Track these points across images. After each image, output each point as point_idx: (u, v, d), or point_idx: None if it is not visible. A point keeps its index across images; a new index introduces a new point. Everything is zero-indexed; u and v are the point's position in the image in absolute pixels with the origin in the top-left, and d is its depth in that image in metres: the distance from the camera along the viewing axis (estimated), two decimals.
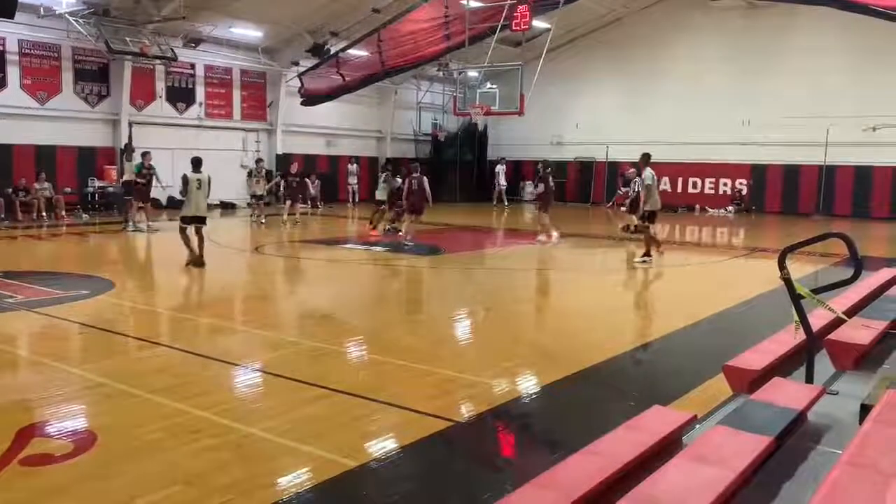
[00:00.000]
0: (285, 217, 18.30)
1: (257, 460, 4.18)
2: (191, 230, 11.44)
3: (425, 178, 14.92)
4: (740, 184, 26.13)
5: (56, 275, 10.65)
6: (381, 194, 16.60)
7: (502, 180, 27.30)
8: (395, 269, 12.49)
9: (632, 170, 17.77)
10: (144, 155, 16.77)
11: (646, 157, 12.90)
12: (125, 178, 17.44)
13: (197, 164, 11.55)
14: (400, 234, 15.32)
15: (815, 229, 13.47)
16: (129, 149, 18.01)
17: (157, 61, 20.81)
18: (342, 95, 24.05)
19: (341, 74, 22.76)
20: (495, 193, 27.66)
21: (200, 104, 23.33)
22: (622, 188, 26.68)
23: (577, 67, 28.01)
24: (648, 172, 12.66)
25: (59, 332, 7.39)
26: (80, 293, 9.10)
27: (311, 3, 21.73)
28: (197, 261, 11.33)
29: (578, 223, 21.44)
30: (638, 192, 17.01)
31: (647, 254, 12.73)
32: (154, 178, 16.86)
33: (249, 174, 19.56)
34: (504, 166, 27.41)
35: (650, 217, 12.76)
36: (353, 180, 27.67)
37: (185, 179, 11.37)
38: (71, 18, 18.56)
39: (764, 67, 24.42)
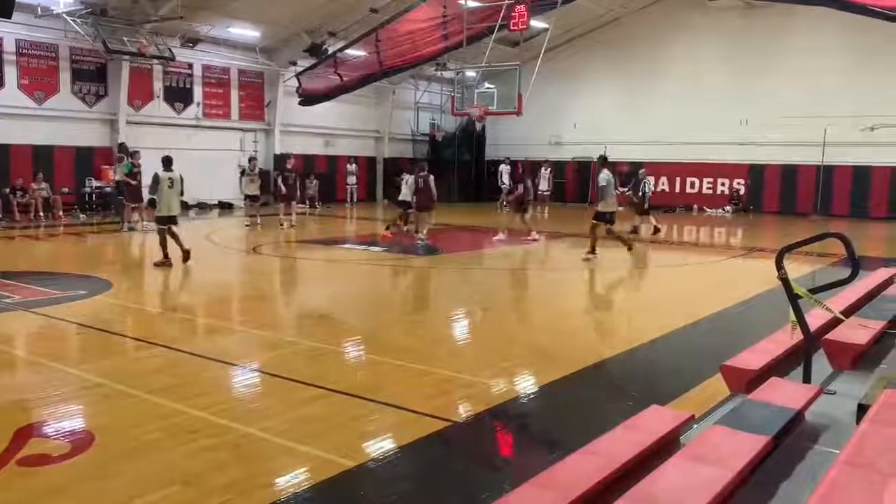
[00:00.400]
0: (281, 217, 18.27)
1: (255, 460, 4.18)
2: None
3: (431, 177, 14.99)
4: (738, 184, 26.15)
5: (53, 275, 10.64)
6: (407, 195, 16.18)
7: (505, 180, 27.31)
8: (392, 270, 12.49)
9: (643, 170, 17.81)
10: (133, 154, 16.68)
11: (602, 159, 13.06)
12: (116, 178, 17.42)
13: (168, 162, 11.56)
14: (412, 234, 15.32)
15: (812, 229, 13.51)
16: (123, 150, 17.96)
17: (155, 61, 20.78)
18: (340, 95, 24.04)
19: (339, 74, 22.74)
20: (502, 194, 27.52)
21: (198, 104, 23.31)
22: (620, 188, 26.68)
23: (576, 67, 28.02)
24: (604, 174, 12.73)
25: (56, 332, 7.39)
26: (77, 293, 9.09)
27: (308, 3, 21.72)
28: (183, 256, 11.41)
29: (577, 223, 21.43)
30: (646, 192, 17.09)
31: (593, 251, 12.85)
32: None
33: (243, 173, 19.34)
34: (508, 166, 27.39)
35: (603, 217, 12.84)
36: (351, 180, 27.67)
37: (155, 178, 11.42)
38: (68, 18, 18.55)
39: (762, 67, 24.45)
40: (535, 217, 20.75)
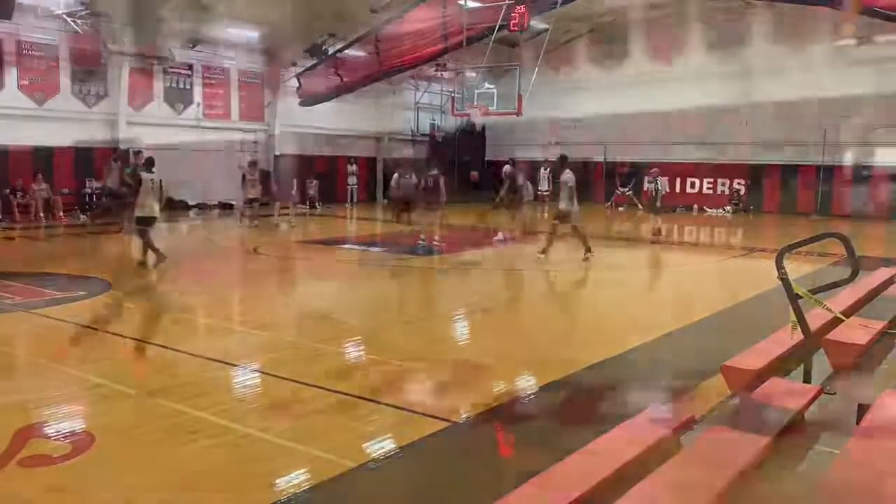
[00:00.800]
0: (276, 217, 18.23)
1: (255, 461, 4.18)
2: (134, 231, 11.37)
3: (442, 178, 14.99)
4: (738, 184, 26.13)
5: (53, 276, 10.62)
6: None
7: None
8: (392, 270, 12.48)
9: (654, 169, 17.77)
10: (137, 154, 16.62)
11: (563, 159, 12.98)
12: (111, 185, 17.45)
13: (150, 163, 11.49)
14: (420, 234, 15.33)
15: (812, 229, 13.48)
16: (119, 156, 17.97)
17: (155, 61, 20.76)
18: (340, 95, 24.02)
19: (339, 75, 22.74)
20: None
21: (198, 104, 23.28)
22: (621, 188, 26.72)
23: (576, 67, 27.99)
24: (568, 175, 12.69)
25: (56, 332, 7.38)
26: (77, 294, 9.08)
27: (308, 3, 21.68)
28: (143, 261, 11.31)
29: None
30: (657, 192, 17.07)
31: (588, 249, 12.77)
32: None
33: (243, 178, 19.07)
34: (512, 167, 27.37)
35: (563, 216, 12.80)
36: (351, 180, 27.66)
37: (139, 180, 11.36)
38: (68, 19, 18.54)
39: (762, 67, 24.42)
40: (535, 217, 20.74)
